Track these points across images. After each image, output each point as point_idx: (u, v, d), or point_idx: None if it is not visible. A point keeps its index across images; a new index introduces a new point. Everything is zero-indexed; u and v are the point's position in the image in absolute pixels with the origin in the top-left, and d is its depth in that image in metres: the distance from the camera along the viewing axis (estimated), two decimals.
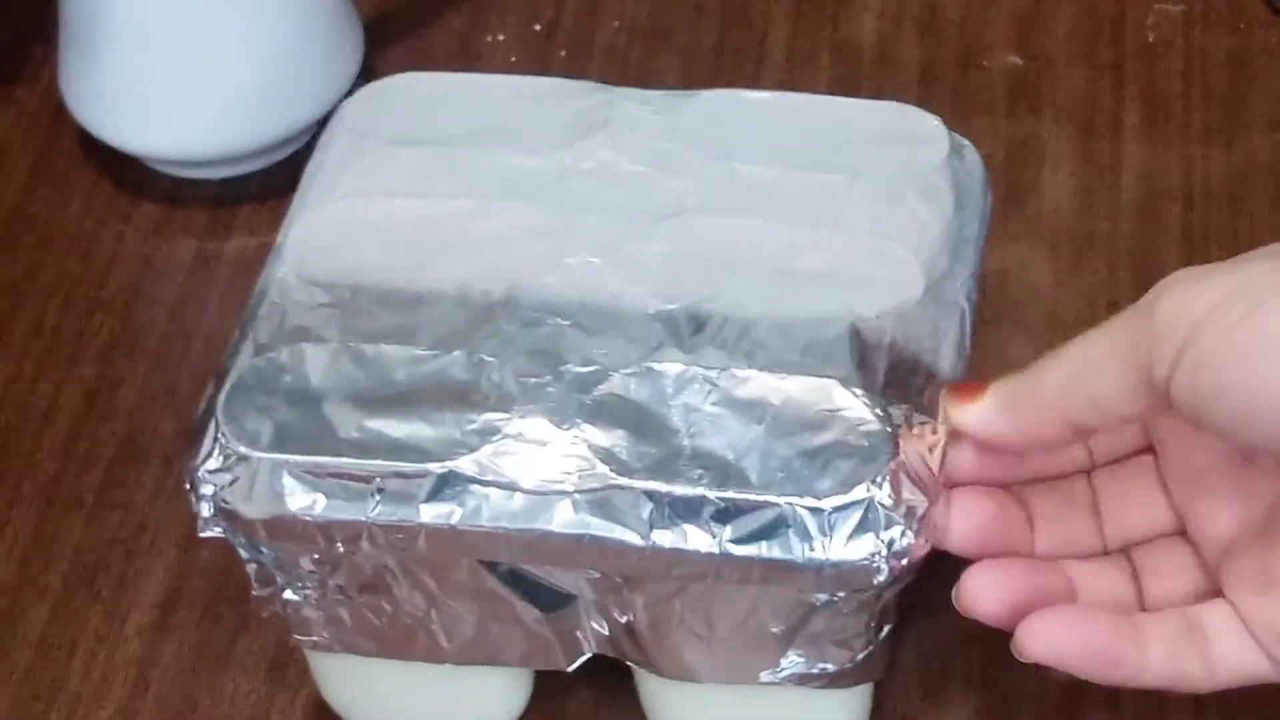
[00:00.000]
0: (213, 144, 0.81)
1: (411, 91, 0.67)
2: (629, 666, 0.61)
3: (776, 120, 0.65)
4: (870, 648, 0.58)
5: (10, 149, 0.85)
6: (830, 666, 0.59)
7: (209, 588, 0.70)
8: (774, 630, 0.58)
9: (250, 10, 0.79)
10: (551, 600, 0.59)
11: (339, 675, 0.64)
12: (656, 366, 0.57)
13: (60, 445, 0.74)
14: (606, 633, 0.59)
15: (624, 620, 0.58)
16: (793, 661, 0.59)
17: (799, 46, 0.87)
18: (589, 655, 0.60)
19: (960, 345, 0.60)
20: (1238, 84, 0.84)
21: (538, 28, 0.88)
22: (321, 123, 0.83)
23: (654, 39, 0.87)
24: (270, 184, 0.82)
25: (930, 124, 0.65)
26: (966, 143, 0.65)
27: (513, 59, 0.87)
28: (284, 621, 0.60)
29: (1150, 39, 0.86)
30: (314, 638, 0.61)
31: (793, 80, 0.84)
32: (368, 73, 0.84)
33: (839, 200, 0.62)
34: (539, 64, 0.86)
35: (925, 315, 0.59)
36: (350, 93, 0.82)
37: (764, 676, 0.59)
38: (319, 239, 0.62)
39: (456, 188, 0.62)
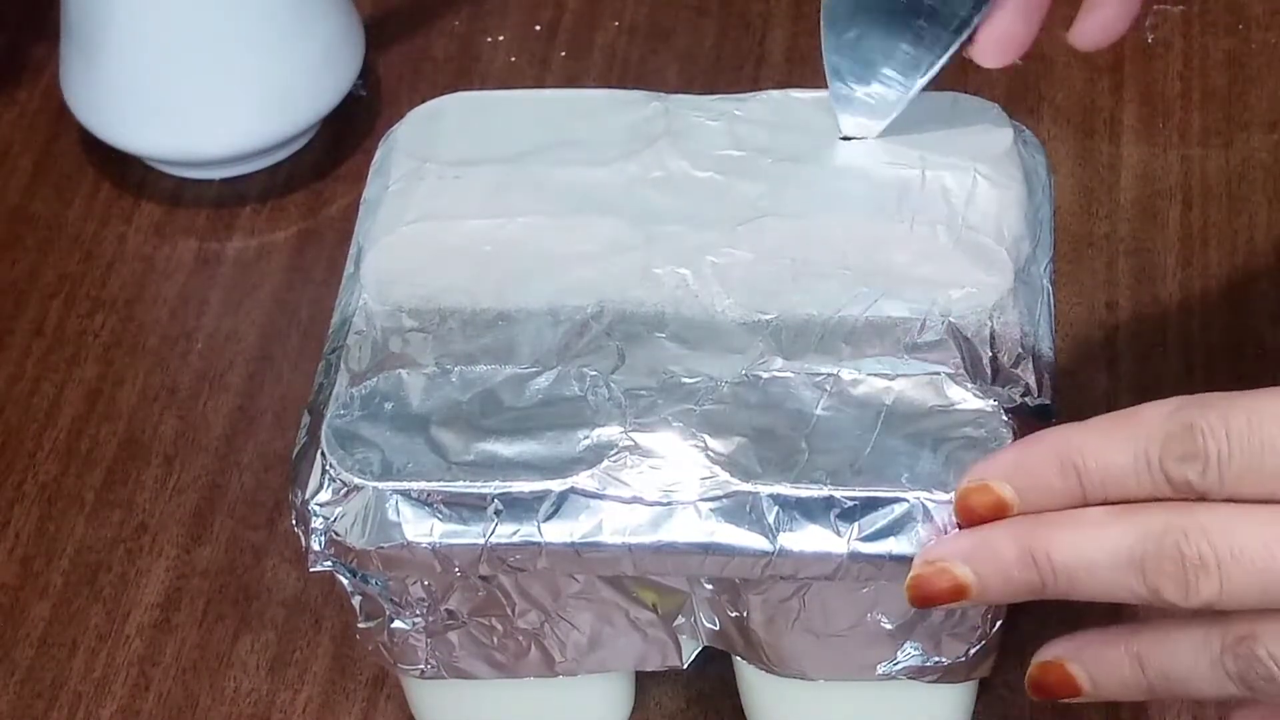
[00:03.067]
0: (214, 144, 0.81)
1: (462, 112, 0.66)
2: (730, 672, 0.62)
3: (835, 118, 0.64)
4: (984, 641, 0.58)
5: (12, 149, 0.85)
6: (945, 660, 0.58)
7: (210, 587, 0.70)
8: (892, 624, 0.57)
9: (250, 11, 0.79)
10: (665, 600, 0.58)
11: (440, 703, 0.64)
12: (765, 374, 0.57)
13: (62, 444, 0.74)
14: (717, 627, 0.59)
15: (735, 615, 0.58)
16: (909, 655, 0.58)
17: (799, 47, 0.87)
18: (699, 649, 0.60)
19: (1051, 327, 0.60)
20: (1236, 84, 0.84)
21: (538, 28, 0.88)
22: (322, 123, 0.83)
23: (654, 39, 0.87)
24: (271, 184, 0.83)
25: (990, 111, 0.65)
26: (1024, 127, 0.65)
27: (512, 59, 0.87)
28: (389, 653, 0.60)
29: (1149, 39, 0.86)
30: (420, 667, 0.60)
31: (792, 81, 0.84)
32: (368, 73, 0.85)
33: (914, 193, 0.61)
34: (539, 64, 0.86)
35: (1019, 301, 0.59)
36: (350, 92, 0.83)
37: (880, 669, 0.59)
38: (396, 265, 0.61)
39: (529, 205, 0.62)
